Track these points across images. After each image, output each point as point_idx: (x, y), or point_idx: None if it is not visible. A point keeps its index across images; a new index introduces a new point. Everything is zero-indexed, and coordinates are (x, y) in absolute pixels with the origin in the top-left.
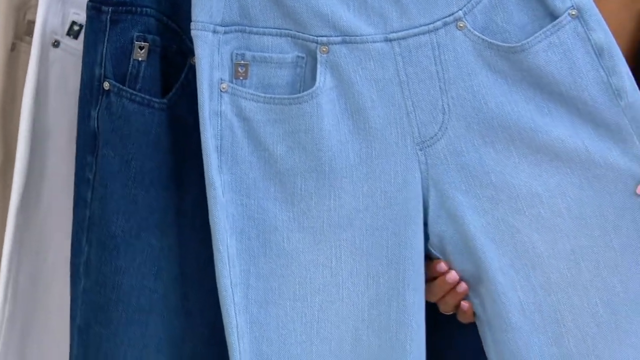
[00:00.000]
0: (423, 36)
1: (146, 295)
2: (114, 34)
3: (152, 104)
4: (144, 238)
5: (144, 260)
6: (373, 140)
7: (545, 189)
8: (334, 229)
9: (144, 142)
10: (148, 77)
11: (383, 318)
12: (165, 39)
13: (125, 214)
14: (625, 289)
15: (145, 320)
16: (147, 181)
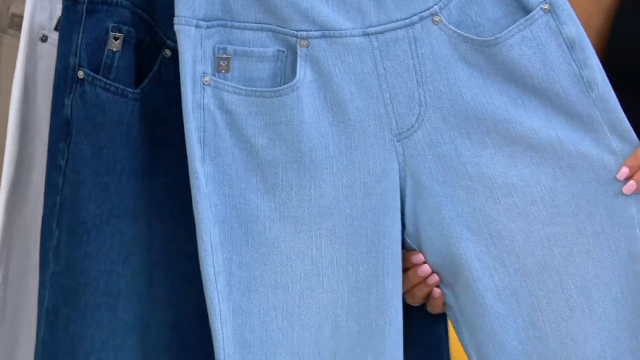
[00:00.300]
0: (400, 30)
1: (114, 280)
2: (90, 24)
3: (126, 93)
4: (114, 224)
5: (113, 246)
6: (352, 132)
7: (520, 179)
8: (314, 219)
9: (117, 131)
10: (122, 67)
11: (362, 305)
12: (139, 30)
13: (96, 201)
14: (598, 274)
15: (113, 305)
16: (119, 169)
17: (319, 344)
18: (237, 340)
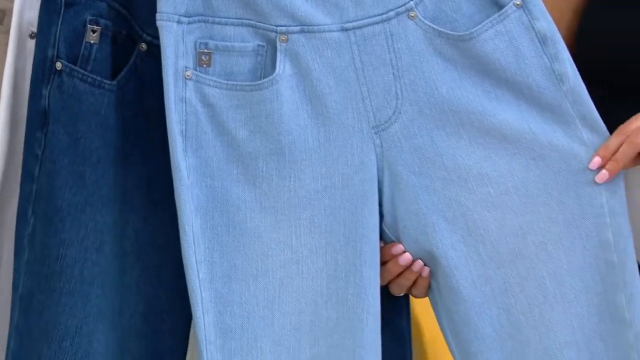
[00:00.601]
0: (377, 26)
1: (88, 267)
2: (68, 17)
3: (103, 85)
4: (89, 213)
5: (87, 234)
6: (331, 124)
7: (494, 169)
8: (294, 209)
9: (93, 121)
10: (99, 59)
11: (341, 292)
12: (116, 24)
13: (72, 189)
14: (570, 261)
15: (87, 291)
16: (95, 159)
17: (299, 331)
18: (218, 327)
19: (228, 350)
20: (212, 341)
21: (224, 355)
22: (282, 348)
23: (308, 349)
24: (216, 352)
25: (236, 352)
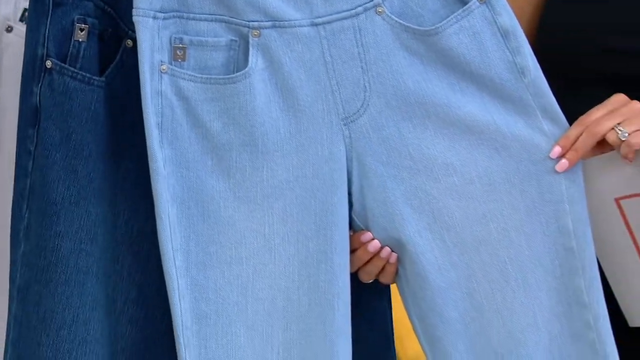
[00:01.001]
0: (345, 21)
1: (83, 258)
2: (56, 16)
3: (92, 81)
4: (82, 205)
5: (81, 225)
6: (301, 116)
7: (458, 159)
8: (267, 198)
9: (84, 117)
10: (87, 56)
11: (312, 279)
12: (102, 22)
13: (65, 183)
14: (530, 247)
15: (82, 281)
16: (86, 153)
17: (272, 316)
18: (194, 312)
19: (203, 335)
20: (188, 326)
21: (200, 339)
22: (255, 333)
23: (281, 334)
24: (192, 337)
25: (211, 336)
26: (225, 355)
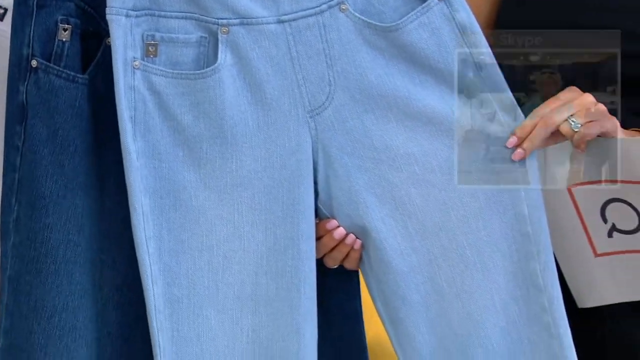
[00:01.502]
0: (311, 18)
1: (71, 248)
2: (40, 17)
3: (76, 79)
4: (69, 198)
5: (69, 217)
6: (269, 109)
7: (419, 149)
8: (236, 188)
9: (69, 113)
10: (71, 55)
11: (280, 265)
12: (83, 22)
13: (53, 177)
14: (488, 233)
15: (71, 270)
16: (72, 148)
17: (241, 300)
18: (167, 297)
19: (176, 318)
20: (161, 310)
21: (172, 323)
22: (225, 316)
23: (250, 317)
24: (165, 320)
25: (183, 320)
26: (197, 337)
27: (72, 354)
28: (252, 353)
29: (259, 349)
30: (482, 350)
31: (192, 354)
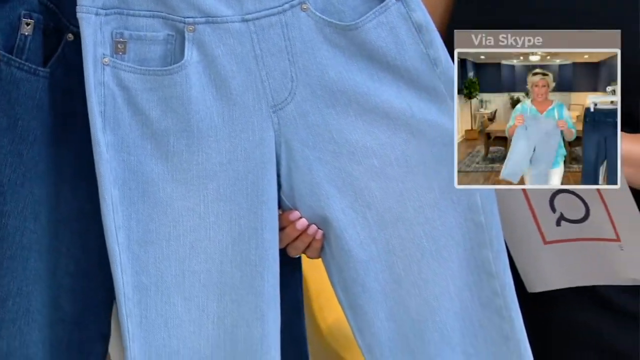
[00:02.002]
0: (273, 17)
1: (27, 235)
2: (4, 11)
3: (37, 72)
4: (27, 187)
5: (26, 205)
6: (234, 105)
7: (378, 143)
8: (202, 180)
9: (30, 105)
10: (33, 49)
11: (244, 253)
12: (46, 17)
13: (12, 166)
14: (443, 223)
15: (26, 256)
16: (31, 138)
17: (207, 288)
18: (135, 285)
19: (144, 305)
20: (130, 297)
21: (141, 310)
22: (192, 303)
23: (215, 304)
24: (133, 307)
25: (151, 307)
26: (164, 324)
27: (25, 337)
28: (217, 338)
29: (224, 334)
30: (437, 334)
31: (160, 339)
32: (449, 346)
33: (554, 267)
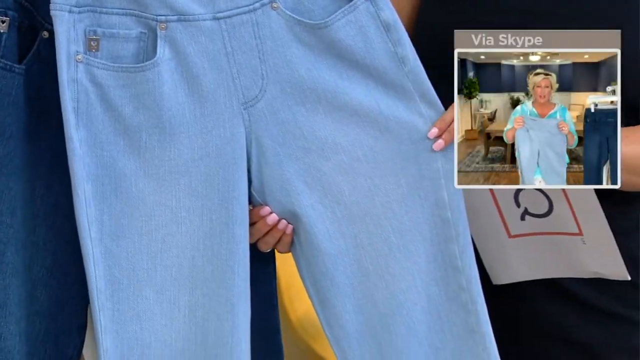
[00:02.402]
0: (244, 15)
1: (4, 229)
2: None
3: (13, 69)
4: (3, 182)
5: (2, 200)
6: (205, 101)
7: (346, 140)
8: (174, 175)
9: (6, 101)
10: (8, 46)
11: (215, 248)
12: (21, 15)
13: None
14: (411, 218)
15: (3, 250)
16: (8, 134)
17: (178, 281)
18: (107, 278)
19: (117, 299)
20: (102, 290)
21: (113, 303)
22: (163, 296)
23: (186, 297)
24: (106, 301)
25: (123, 300)
26: (136, 316)
27: (2, 330)
28: (188, 331)
29: (195, 327)
30: (404, 327)
31: (132, 332)
32: (416, 339)
33: (519, 260)
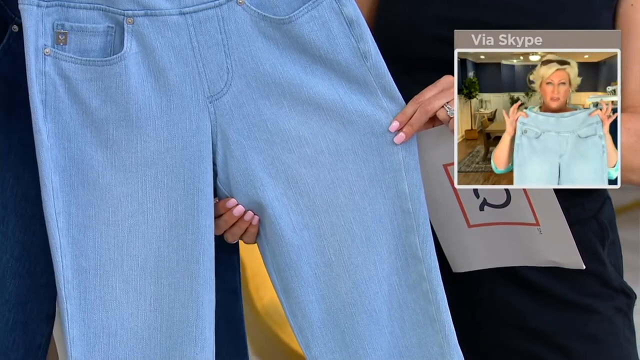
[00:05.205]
0: (210, 10)
1: None
2: None
3: None
4: None
5: None
6: (171, 95)
7: (310, 132)
8: (141, 167)
9: None
10: None
11: (181, 238)
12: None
13: None
14: (373, 209)
15: None
16: None
17: (145, 271)
18: (75, 268)
19: (84, 288)
20: (69, 280)
21: (80, 292)
22: (130, 286)
23: (152, 287)
24: (73, 290)
25: (90, 289)
26: (103, 306)
27: None
28: (154, 320)
29: (161, 315)
30: (366, 316)
31: (98, 321)
32: (377, 327)
33: (478, 249)
